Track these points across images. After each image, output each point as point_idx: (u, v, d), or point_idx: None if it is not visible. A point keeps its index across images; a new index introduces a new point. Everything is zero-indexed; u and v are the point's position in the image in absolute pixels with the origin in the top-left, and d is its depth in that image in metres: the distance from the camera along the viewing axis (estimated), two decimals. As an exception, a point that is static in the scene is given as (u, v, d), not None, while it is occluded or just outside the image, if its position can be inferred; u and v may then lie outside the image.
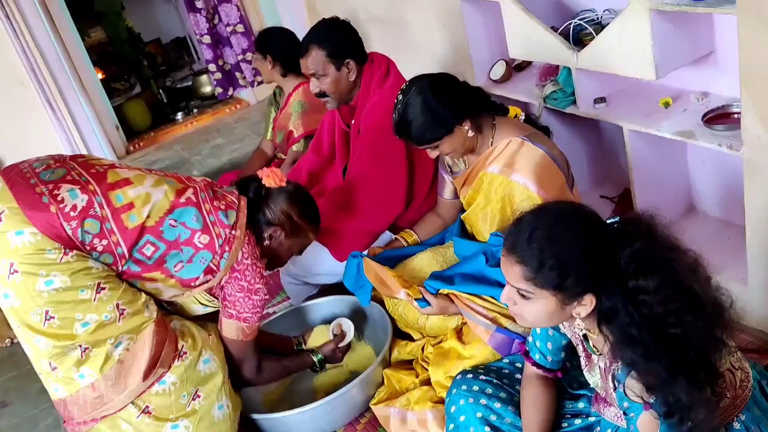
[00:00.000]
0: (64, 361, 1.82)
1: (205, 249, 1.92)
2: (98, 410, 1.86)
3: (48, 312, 1.77)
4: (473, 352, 2.13)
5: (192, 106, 6.34)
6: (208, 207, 1.95)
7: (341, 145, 2.88)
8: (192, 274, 1.92)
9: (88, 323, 1.80)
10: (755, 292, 2.14)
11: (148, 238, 1.86)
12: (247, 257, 1.98)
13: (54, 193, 1.79)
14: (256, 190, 2.11)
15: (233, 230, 1.95)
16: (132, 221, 1.84)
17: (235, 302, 2.00)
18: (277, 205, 2.12)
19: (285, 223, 2.13)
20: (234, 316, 2.01)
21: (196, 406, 1.95)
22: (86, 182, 1.84)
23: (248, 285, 1.99)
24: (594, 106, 2.54)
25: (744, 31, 1.81)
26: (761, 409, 1.54)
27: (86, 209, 1.80)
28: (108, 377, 1.83)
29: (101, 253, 1.82)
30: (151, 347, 1.86)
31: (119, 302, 1.84)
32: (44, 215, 1.76)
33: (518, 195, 2.09)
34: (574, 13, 2.68)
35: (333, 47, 2.57)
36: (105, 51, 6.56)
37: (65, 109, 4.94)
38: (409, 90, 2.10)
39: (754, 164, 1.97)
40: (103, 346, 1.82)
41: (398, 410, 2.17)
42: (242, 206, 2.02)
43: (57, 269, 1.76)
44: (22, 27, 4.64)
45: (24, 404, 2.86)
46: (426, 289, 2.21)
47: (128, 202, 1.85)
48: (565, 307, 1.45)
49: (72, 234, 1.78)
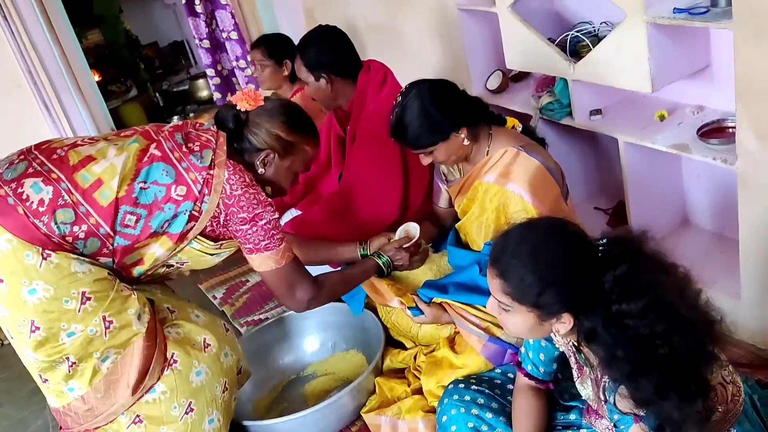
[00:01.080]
0: (53, 375, 1.78)
1: (186, 200, 1.79)
2: (90, 422, 1.83)
3: (33, 322, 1.71)
4: (466, 361, 2.13)
5: (188, 111, 6.33)
6: (177, 155, 1.82)
7: (337, 151, 2.88)
8: (179, 229, 1.81)
9: (73, 333, 1.74)
10: (748, 306, 2.14)
11: (124, 209, 1.75)
12: (237, 188, 1.83)
13: (18, 191, 1.69)
14: (234, 118, 1.93)
15: (210, 170, 1.81)
16: (105, 197, 1.73)
17: (245, 236, 1.85)
18: (260, 127, 1.94)
19: (274, 144, 1.95)
20: (253, 250, 1.87)
21: (189, 419, 1.89)
22: (48, 171, 1.73)
23: (248, 215, 1.83)
24: (590, 117, 2.55)
25: (740, 45, 1.82)
26: (752, 423, 1.54)
27: (54, 200, 1.70)
28: (97, 389, 1.79)
29: (85, 240, 1.73)
30: (139, 363, 1.80)
31: (105, 314, 1.76)
32: (13, 218, 1.67)
33: (513, 205, 2.09)
34: (572, 24, 2.69)
35: (309, 59, 2.62)
36: (102, 53, 6.56)
37: (61, 111, 4.93)
38: (408, 93, 2.10)
39: (748, 178, 1.98)
40: (89, 360, 1.77)
41: (389, 419, 2.16)
42: (220, 142, 1.87)
43: (39, 277, 1.68)
44: (20, 28, 4.63)
45: (14, 407, 2.84)
46: (419, 298, 2.20)
47: (96, 179, 1.74)
48: (543, 323, 1.46)
49: (47, 230, 1.68)
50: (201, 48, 5.22)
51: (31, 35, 4.72)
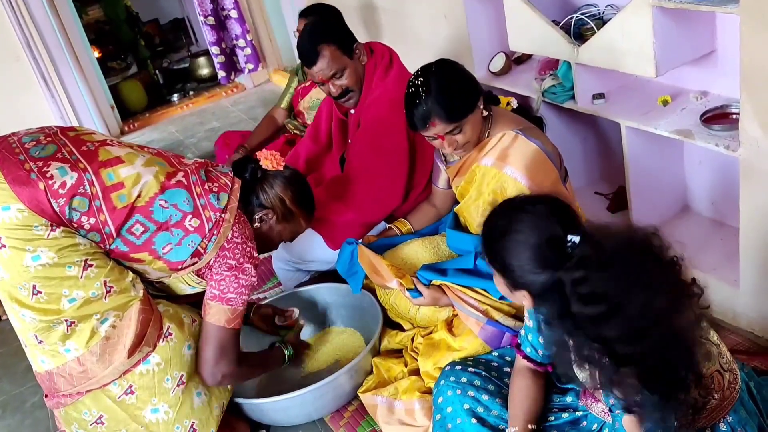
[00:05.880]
0: (49, 336, 1.82)
1: (195, 232, 1.89)
2: (84, 384, 1.86)
3: (35, 287, 1.77)
4: (463, 344, 2.13)
5: (188, 88, 6.31)
6: (199, 190, 1.93)
7: (338, 133, 2.86)
8: (180, 257, 1.91)
9: (74, 299, 1.80)
10: (746, 293, 2.14)
11: (137, 218, 1.85)
12: (237, 236, 1.95)
13: (43, 170, 1.77)
14: (252, 171, 2.09)
15: (224, 213, 1.93)
16: (121, 201, 1.83)
17: (221, 281, 1.93)
18: (272, 188, 2.10)
19: (278, 207, 2.11)
20: (217, 297, 1.93)
21: (180, 393, 1.94)
22: (76, 161, 1.82)
23: (236, 263, 1.94)
24: (593, 101, 2.54)
25: (746, 31, 1.80)
26: (748, 411, 1.55)
27: (75, 187, 1.78)
28: (93, 352, 1.83)
29: (88, 231, 1.81)
30: (136, 325, 1.86)
31: (106, 280, 1.84)
32: (32, 191, 1.74)
33: (510, 188, 2.08)
34: (576, 7, 2.67)
35: (339, 38, 2.52)
36: (102, 30, 6.52)
37: (60, 87, 4.91)
38: (426, 73, 2.07)
39: (750, 165, 1.97)
40: (88, 321, 1.82)
41: (386, 399, 2.17)
42: (235, 189, 1.99)
43: (44, 245, 1.75)
44: (20, 2, 4.60)
45: (10, 382, 2.85)
46: (418, 280, 2.20)
47: (119, 181, 1.83)
48: (513, 292, 1.57)
49: (59, 211, 1.76)
50: (206, 25, 5.18)
51: (31, 9, 4.71)
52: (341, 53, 2.50)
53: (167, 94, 6.28)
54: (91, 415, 1.91)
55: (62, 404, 1.91)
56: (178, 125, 5.51)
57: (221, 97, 5.87)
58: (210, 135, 5.05)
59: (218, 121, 5.34)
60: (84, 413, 1.92)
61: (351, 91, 2.58)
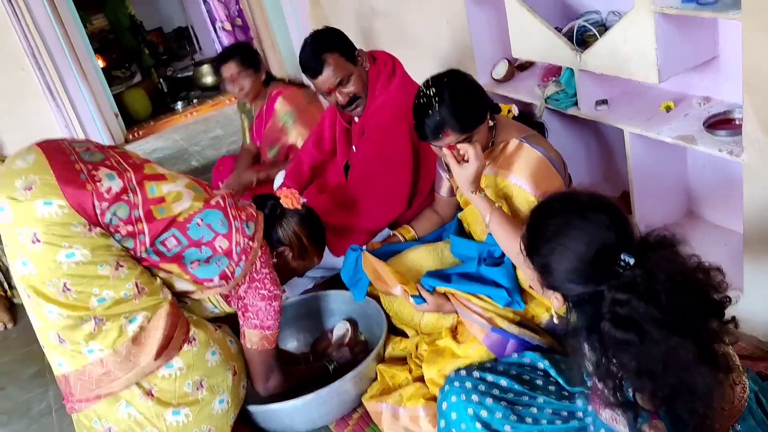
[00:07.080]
0: (74, 334, 1.83)
1: (223, 254, 1.97)
2: (103, 387, 1.87)
3: (66, 284, 1.80)
4: (468, 351, 2.13)
5: (192, 96, 6.34)
6: (234, 213, 2.02)
7: (342, 141, 2.87)
8: (206, 275, 1.96)
9: (104, 299, 1.83)
10: (751, 299, 2.14)
11: (173, 231, 1.91)
12: (265, 267, 2.04)
13: (92, 173, 1.84)
14: (272, 207, 2.17)
15: (251, 241, 2.01)
16: (161, 213, 1.90)
17: (258, 311, 2.04)
18: (290, 225, 2.18)
19: (294, 244, 2.19)
20: (258, 326, 2.05)
21: (199, 396, 1.97)
22: (124, 170, 1.90)
23: (268, 293, 2.04)
24: (595, 107, 2.54)
25: (748, 37, 1.81)
26: (757, 420, 1.54)
27: (120, 194, 1.85)
28: (119, 353, 1.85)
29: (123, 237, 1.86)
30: (165, 327, 1.89)
31: (138, 281, 1.88)
32: (78, 191, 1.80)
33: (515, 197, 2.09)
34: (578, 14, 2.67)
35: (342, 46, 2.52)
36: (106, 38, 6.56)
37: (65, 96, 4.93)
38: (439, 83, 2.05)
39: (754, 171, 1.97)
40: (117, 320, 1.85)
41: (390, 406, 2.17)
42: (260, 220, 2.09)
43: (80, 242, 1.79)
44: (24, 12, 4.63)
45: (17, 389, 2.85)
46: (422, 286, 2.20)
47: (160, 195, 1.91)
48: (544, 289, 1.50)
49: (100, 214, 1.82)
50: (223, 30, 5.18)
51: (36, 19, 4.73)
52: (345, 60, 2.50)
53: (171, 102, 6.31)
54: (101, 425, 1.91)
55: (76, 410, 1.92)
56: (182, 133, 5.53)
57: (225, 105, 5.89)
58: (214, 143, 5.06)
59: (222, 128, 5.36)
60: (94, 422, 1.91)
61: (358, 97, 2.57)
